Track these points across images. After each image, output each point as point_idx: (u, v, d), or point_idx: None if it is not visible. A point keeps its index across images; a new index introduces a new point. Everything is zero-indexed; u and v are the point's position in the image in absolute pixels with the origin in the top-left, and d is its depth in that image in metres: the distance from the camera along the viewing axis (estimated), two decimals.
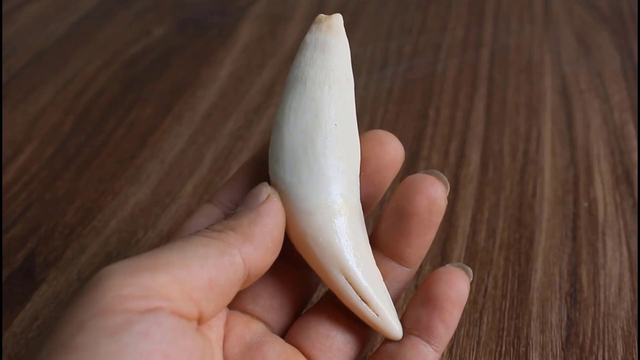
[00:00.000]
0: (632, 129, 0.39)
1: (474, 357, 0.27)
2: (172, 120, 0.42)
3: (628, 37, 0.48)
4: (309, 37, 0.21)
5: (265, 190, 0.20)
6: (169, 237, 0.33)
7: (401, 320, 0.21)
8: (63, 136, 0.41)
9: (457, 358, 0.27)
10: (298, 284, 0.22)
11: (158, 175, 0.37)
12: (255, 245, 0.19)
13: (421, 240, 0.21)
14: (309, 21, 0.52)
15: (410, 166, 0.37)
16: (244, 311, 0.22)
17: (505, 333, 0.28)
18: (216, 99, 0.44)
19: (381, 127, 0.40)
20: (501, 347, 0.27)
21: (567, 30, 0.49)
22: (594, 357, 0.27)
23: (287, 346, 0.21)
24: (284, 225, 0.20)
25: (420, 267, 0.31)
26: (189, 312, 0.17)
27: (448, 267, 0.21)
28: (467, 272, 0.21)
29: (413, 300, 0.21)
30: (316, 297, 0.26)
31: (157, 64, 0.48)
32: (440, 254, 0.31)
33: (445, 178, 0.21)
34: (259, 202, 0.20)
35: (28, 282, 0.31)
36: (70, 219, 0.34)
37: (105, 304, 0.16)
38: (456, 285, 0.20)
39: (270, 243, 0.19)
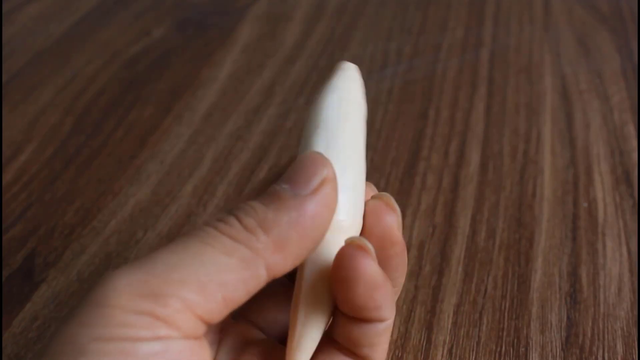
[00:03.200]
0: (632, 129, 0.39)
1: (473, 357, 0.27)
2: (172, 120, 0.42)
3: (628, 37, 0.48)
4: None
5: (322, 169, 0.17)
6: (169, 237, 0.33)
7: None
8: (63, 136, 0.41)
9: (457, 358, 0.27)
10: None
11: (158, 175, 0.37)
12: (286, 255, 0.16)
13: (395, 275, 0.20)
14: (309, 21, 0.52)
15: (410, 167, 0.37)
16: (242, 321, 0.22)
17: (505, 333, 0.28)
18: (216, 99, 0.44)
19: (381, 127, 0.40)
20: (501, 347, 0.27)
21: (567, 31, 0.49)
22: (593, 357, 0.27)
23: (279, 347, 0.21)
24: (327, 228, 0.17)
25: (420, 267, 0.31)
26: (196, 331, 0.16)
27: (348, 246, 0.18)
28: (366, 247, 0.17)
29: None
30: None
31: (157, 64, 0.48)
32: (440, 254, 0.31)
33: (395, 205, 0.19)
34: (309, 188, 0.16)
35: (28, 283, 0.31)
36: (70, 219, 0.34)
37: (109, 331, 0.15)
38: (362, 265, 0.17)
39: (304, 253, 0.17)
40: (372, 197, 0.20)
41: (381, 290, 0.18)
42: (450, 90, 0.43)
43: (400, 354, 0.27)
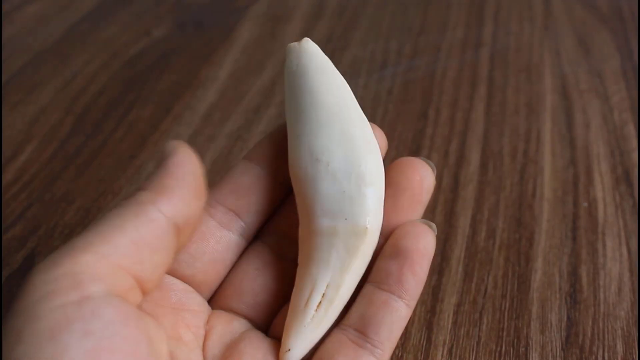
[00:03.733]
0: (632, 129, 0.39)
1: (473, 357, 0.27)
2: (171, 120, 0.42)
3: (628, 37, 0.48)
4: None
5: (172, 145, 0.20)
6: None
7: (370, 276, 0.21)
8: (63, 136, 0.41)
9: (457, 358, 0.27)
10: (281, 277, 0.22)
11: None
12: (169, 196, 0.19)
13: (411, 216, 0.22)
14: (309, 21, 0.52)
15: None
16: (228, 310, 0.22)
17: (505, 333, 0.28)
18: (216, 99, 0.44)
19: (381, 127, 0.40)
20: (501, 347, 0.27)
21: (567, 31, 0.49)
22: (593, 357, 0.27)
23: (267, 340, 0.21)
24: (200, 171, 0.20)
25: None
26: (125, 284, 0.17)
27: (414, 222, 0.21)
28: (431, 227, 0.21)
29: (381, 255, 0.21)
30: None
31: (157, 64, 0.48)
32: (440, 254, 0.31)
33: (432, 163, 0.22)
34: (166, 158, 0.20)
35: None
36: (70, 219, 0.34)
37: (37, 307, 0.15)
38: (424, 238, 0.21)
39: (187, 191, 0.19)
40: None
41: (428, 260, 0.21)
42: (450, 90, 0.43)
43: (400, 354, 0.27)
